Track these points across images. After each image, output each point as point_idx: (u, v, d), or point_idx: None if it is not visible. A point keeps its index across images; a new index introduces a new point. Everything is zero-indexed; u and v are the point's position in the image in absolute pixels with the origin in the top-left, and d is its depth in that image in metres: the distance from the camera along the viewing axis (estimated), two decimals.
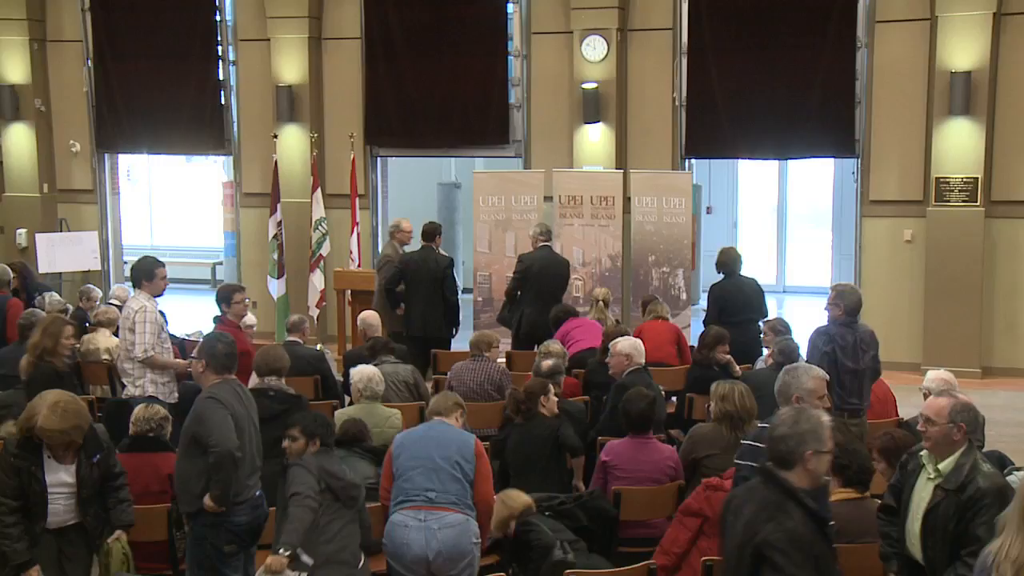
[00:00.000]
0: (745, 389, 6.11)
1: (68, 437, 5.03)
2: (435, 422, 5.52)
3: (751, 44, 12.02)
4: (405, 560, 5.15)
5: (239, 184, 14.03)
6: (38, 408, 5.01)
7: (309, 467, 5.07)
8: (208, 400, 5.27)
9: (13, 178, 14.14)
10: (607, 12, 12.15)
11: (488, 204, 12.13)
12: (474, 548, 5.24)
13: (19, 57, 13.91)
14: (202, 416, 5.22)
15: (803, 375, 4.99)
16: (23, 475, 5.01)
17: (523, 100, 12.89)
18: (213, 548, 5.25)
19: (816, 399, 4.88)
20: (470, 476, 5.26)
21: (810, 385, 4.91)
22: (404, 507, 5.19)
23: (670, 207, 11.69)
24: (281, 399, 6.03)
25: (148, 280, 7.35)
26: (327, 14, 13.27)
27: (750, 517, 3.87)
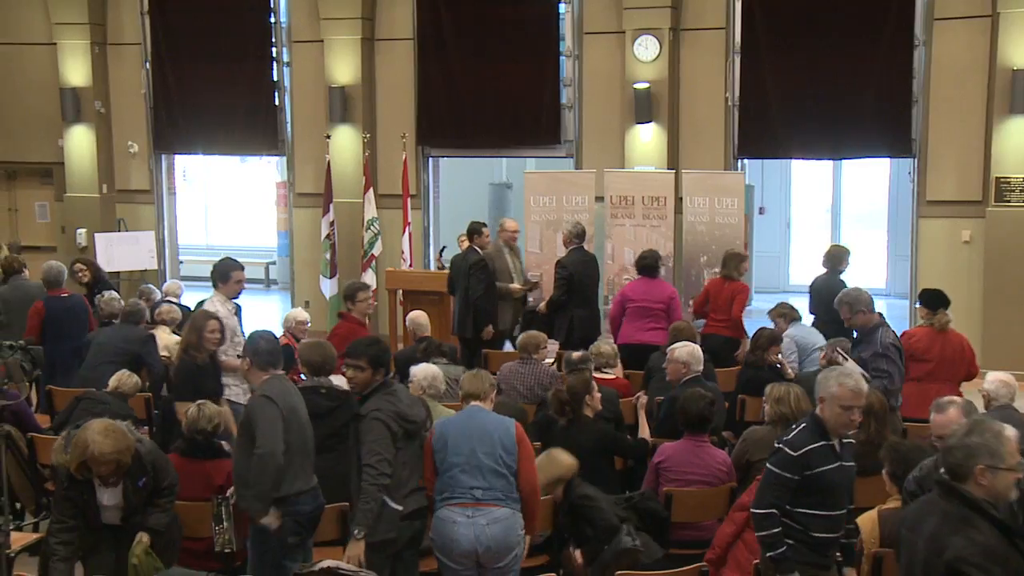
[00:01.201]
0: (801, 391, 6.07)
1: (119, 457, 5.14)
2: (473, 409, 5.47)
3: (805, 43, 11.90)
4: (453, 555, 5.21)
5: (292, 184, 14.17)
6: (89, 438, 5.11)
7: (388, 421, 5.13)
8: (260, 399, 5.32)
9: (74, 179, 14.41)
10: (660, 12, 12.10)
11: (539, 204, 12.14)
12: (520, 540, 5.30)
13: (81, 60, 14.16)
14: (253, 415, 5.27)
15: (833, 379, 4.73)
16: (77, 503, 5.24)
17: (575, 100, 12.87)
18: (278, 540, 5.29)
19: (838, 407, 4.65)
20: (513, 467, 5.27)
21: (833, 390, 4.67)
22: (450, 503, 5.22)
23: (722, 207, 11.61)
24: (332, 396, 6.05)
25: (223, 282, 7.46)
26: (380, 15, 13.36)
27: (933, 531, 3.69)
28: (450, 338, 9.90)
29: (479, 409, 5.47)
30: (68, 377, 8.36)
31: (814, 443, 4.66)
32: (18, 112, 14.66)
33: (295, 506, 5.33)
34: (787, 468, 4.66)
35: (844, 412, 4.65)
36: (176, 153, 14.93)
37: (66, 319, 8.95)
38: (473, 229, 10.15)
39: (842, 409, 4.64)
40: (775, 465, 4.71)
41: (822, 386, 4.72)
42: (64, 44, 14.17)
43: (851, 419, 4.69)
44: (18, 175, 15.24)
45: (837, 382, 4.67)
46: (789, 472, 4.66)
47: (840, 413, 4.64)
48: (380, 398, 5.23)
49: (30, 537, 6.04)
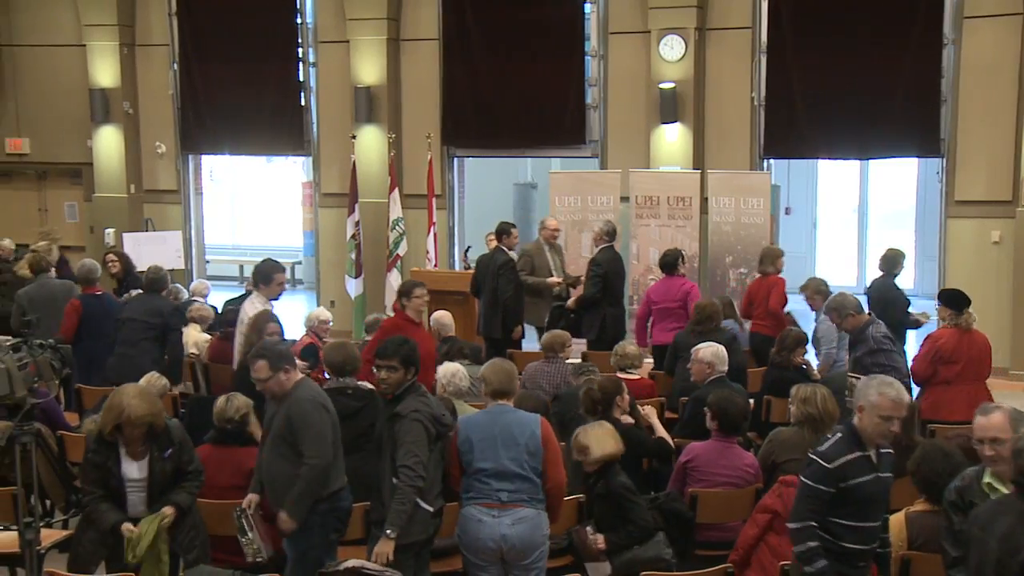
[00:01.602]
0: (827, 392, 6.05)
1: (153, 420, 5.20)
2: (498, 409, 5.43)
3: (832, 42, 11.83)
4: (479, 553, 5.26)
5: (318, 184, 14.23)
6: (124, 401, 5.18)
7: (427, 423, 5.15)
8: (312, 404, 5.28)
9: (102, 179, 14.53)
10: (686, 11, 12.07)
11: (564, 204, 12.14)
12: (545, 539, 5.33)
13: (109, 61, 14.28)
14: (304, 421, 5.22)
15: (873, 388, 4.55)
16: (101, 470, 5.24)
17: (600, 100, 12.86)
18: (322, 538, 5.30)
19: (878, 417, 4.47)
20: (539, 469, 5.29)
21: (873, 399, 4.48)
22: (477, 503, 5.26)
23: (748, 208, 11.57)
24: (359, 396, 6.08)
25: (265, 284, 7.52)
26: (405, 16, 13.40)
27: (1007, 531, 3.69)
28: (475, 338, 9.93)
29: (505, 409, 5.44)
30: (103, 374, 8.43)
31: (850, 454, 4.50)
32: (48, 113, 14.80)
33: (338, 502, 5.36)
34: (822, 481, 4.51)
35: (883, 422, 4.48)
36: (203, 153, 15.03)
37: (101, 317, 9.03)
38: (502, 229, 10.16)
39: (881, 419, 4.48)
40: (809, 478, 4.56)
41: (861, 395, 4.55)
42: (93, 45, 14.29)
43: (890, 429, 4.53)
44: (48, 175, 15.40)
45: (877, 391, 4.50)
46: (824, 484, 4.50)
47: (879, 423, 4.48)
48: (415, 399, 5.23)
49: (60, 534, 6.09)
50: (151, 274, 8.83)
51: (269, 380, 5.28)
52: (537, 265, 10.22)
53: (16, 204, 15.45)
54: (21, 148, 15.06)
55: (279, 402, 5.33)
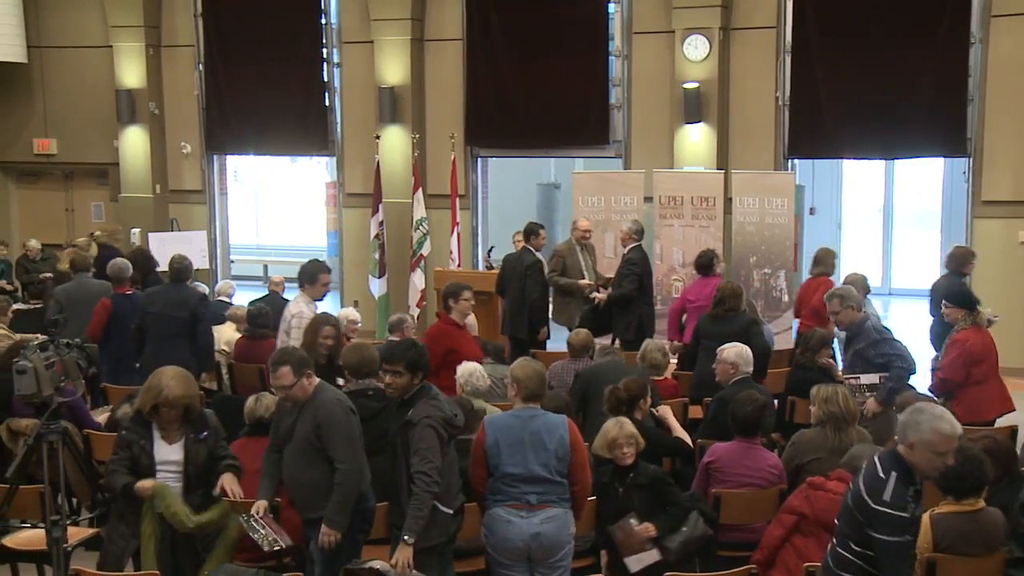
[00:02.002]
0: (848, 391, 6.04)
1: (189, 402, 5.26)
2: (526, 413, 5.41)
3: (858, 41, 11.77)
4: (507, 553, 5.31)
5: (342, 184, 14.28)
6: (162, 382, 5.23)
7: (439, 428, 5.14)
8: (340, 408, 5.27)
9: (128, 179, 14.64)
10: (710, 11, 12.03)
11: (588, 204, 12.12)
12: (571, 539, 5.37)
13: (136, 62, 14.38)
14: (333, 426, 5.21)
15: (925, 423, 4.17)
16: (134, 448, 5.24)
17: (624, 100, 12.84)
18: (350, 539, 5.31)
19: (932, 453, 4.14)
20: (565, 471, 5.32)
21: (927, 436, 4.13)
22: (505, 504, 5.28)
23: (772, 208, 11.52)
24: (380, 397, 6.06)
25: (310, 284, 7.57)
26: (429, 16, 13.43)
27: None
28: (498, 337, 9.94)
29: (535, 413, 5.42)
30: (132, 374, 8.49)
31: (908, 493, 4.17)
32: (75, 114, 14.93)
33: (365, 503, 5.38)
34: (904, 531, 4.14)
35: (937, 458, 4.17)
36: (228, 153, 15.12)
37: (131, 317, 9.08)
38: (530, 230, 10.16)
39: (936, 455, 4.16)
40: (891, 535, 4.10)
41: (911, 429, 4.18)
42: (120, 47, 14.40)
43: (945, 463, 4.23)
44: (75, 176, 15.53)
45: (930, 426, 4.14)
46: (909, 535, 4.17)
47: (933, 459, 4.16)
48: (427, 404, 5.21)
49: (87, 532, 6.14)
50: (175, 264, 8.85)
51: (293, 387, 5.22)
52: (569, 266, 10.20)
53: (43, 204, 15.60)
54: (49, 149, 15.19)
55: (301, 408, 5.28)
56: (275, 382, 5.26)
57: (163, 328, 8.44)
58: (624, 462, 5.67)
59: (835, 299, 7.42)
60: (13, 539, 6.01)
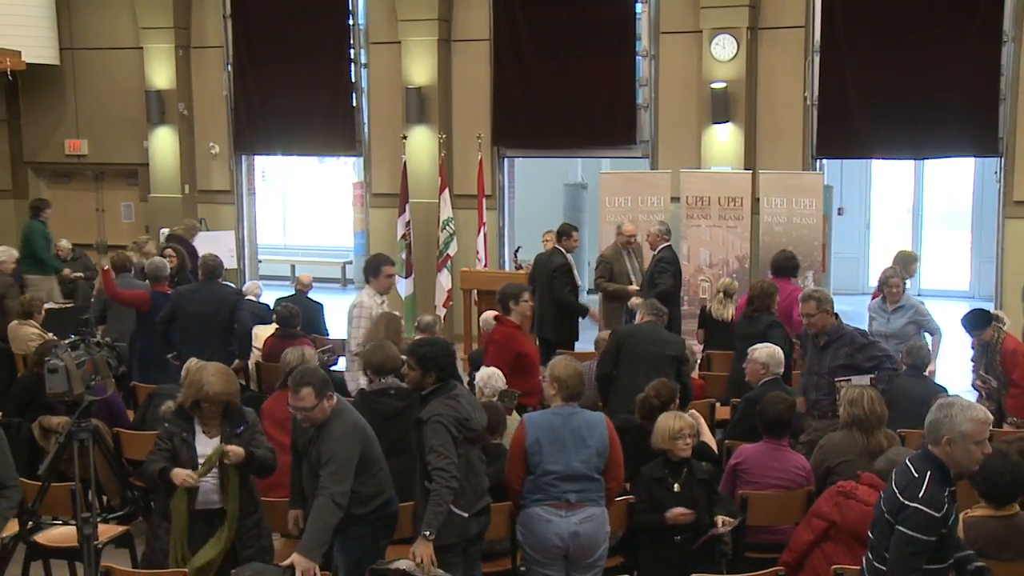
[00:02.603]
0: (875, 394, 5.98)
1: (229, 398, 5.27)
2: (566, 411, 5.46)
3: (887, 40, 11.67)
4: (545, 551, 5.37)
5: (369, 184, 14.33)
6: (204, 378, 5.26)
7: (449, 426, 5.14)
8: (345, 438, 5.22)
9: (158, 179, 14.75)
10: (738, 10, 11.98)
11: (614, 205, 12.10)
12: (607, 538, 5.43)
13: (165, 63, 14.49)
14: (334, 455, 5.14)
15: (957, 415, 4.13)
16: (175, 440, 5.27)
17: (651, 100, 12.81)
18: (373, 544, 5.33)
19: (972, 444, 4.11)
20: (602, 468, 5.41)
21: (965, 428, 4.10)
22: (544, 503, 5.34)
23: (800, 208, 11.47)
24: (401, 396, 6.07)
25: (374, 277, 7.62)
26: (456, 16, 13.45)
27: None
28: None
29: (574, 411, 5.47)
30: (162, 371, 8.56)
31: (944, 494, 4.11)
32: (106, 115, 15.06)
33: (388, 508, 5.39)
34: (931, 531, 4.07)
35: (977, 448, 4.13)
36: (256, 154, 15.20)
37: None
38: (563, 231, 10.16)
39: (976, 446, 4.12)
40: (915, 530, 4.06)
41: (945, 427, 4.11)
42: (150, 48, 14.51)
43: (984, 452, 4.19)
44: (105, 176, 15.66)
45: (965, 417, 4.10)
46: (933, 535, 4.08)
47: (973, 450, 4.12)
48: (441, 402, 5.22)
49: (117, 529, 6.21)
50: (209, 261, 8.94)
51: (314, 409, 5.16)
52: (616, 271, 10.18)
53: (74, 204, 15.74)
54: (80, 149, 15.34)
55: (318, 429, 5.24)
56: (295, 403, 5.17)
57: (203, 327, 8.50)
58: (683, 454, 5.70)
59: (811, 301, 7.04)
60: (45, 536, 6.09)
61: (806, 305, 7.04)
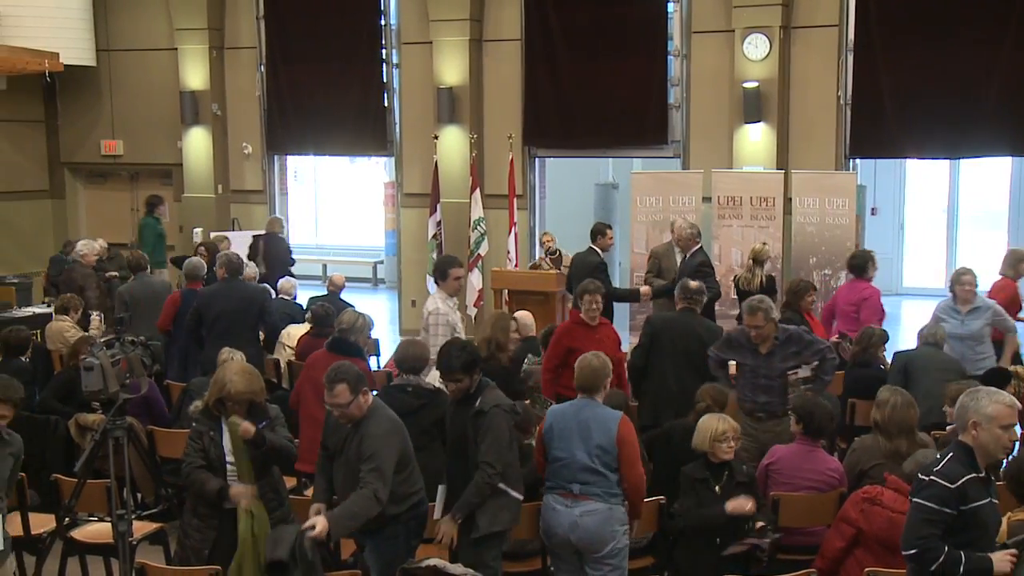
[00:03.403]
0: (903, 399, 5.89)
1: (253, 397, 5.32)
2: (582, 402, 5.54)
3: (922, 39, 11.56)
4: (552, 540, 5.51)
5: (400, 184, 14.38)
6: (226, 378, 5.32)
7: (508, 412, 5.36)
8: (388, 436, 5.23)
9: (192, 179, 14.88)
10: (770, 9, 11.91)
11: (645, 205, 12.08)
12: (618, 534, 5.40)
13: (199, 64, 14.61)
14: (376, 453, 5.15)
15: (984, 400, 4.24)
16: (204, 439, 5.33)
17: (682, 100, 12.76)
18: (406, 544, 5.36)
19: (997, 428, 4.20)
20: (613, 465, 5.39)
21: (989, 411, 4.19)
22: (554, 491, 5.47)
23: (833, 208, 11.39)
24: (418, 394, 6.07)
25: (442, 280, 7.63)
26: (488, 16, 13.46)
27: None
28: None
29: (588, 404, 5.53)
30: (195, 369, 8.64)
31: (967, 475, 4.19)
32: (141, 116, 15.21)
33: (419, 508, 5.41)
34: (945, 502, 4.15)
35: (1004, 433, 4.21)
36: (288, 154, 15.29)
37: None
38: (597, 230, 10.16)
39: (1003, 430, 4.20)
40: (927, 499, 4.18)
41: (971, 411, 4.24)
42: (184, 49, 14.64)
43: (1011, 440, 4.25)
44: (140, 176, 15.82)
45: (991, 400, 4.22)
46: (948, 507, 4.15)
47: (1001, 434, 4.20)
48: (491, 393, 5.40)
49: (151, 526, 6.27)
50: (233, 260, 9.01)
51: (350, 405, 5.13)
52: (664, 268, 10.16)
53: (110, 204, 15.92)
54: (116, 150, 15.50)
55: (355, 426, 5.23)
56: (331, 400, 5.14)
57: (229, 325, 8.53)
58: (725, 457, 5.72)
59: (759, 314, 6.80)
60: (81, 532, 6.17)
61: (754, 318, 6.78)
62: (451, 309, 7.56)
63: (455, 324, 7.48)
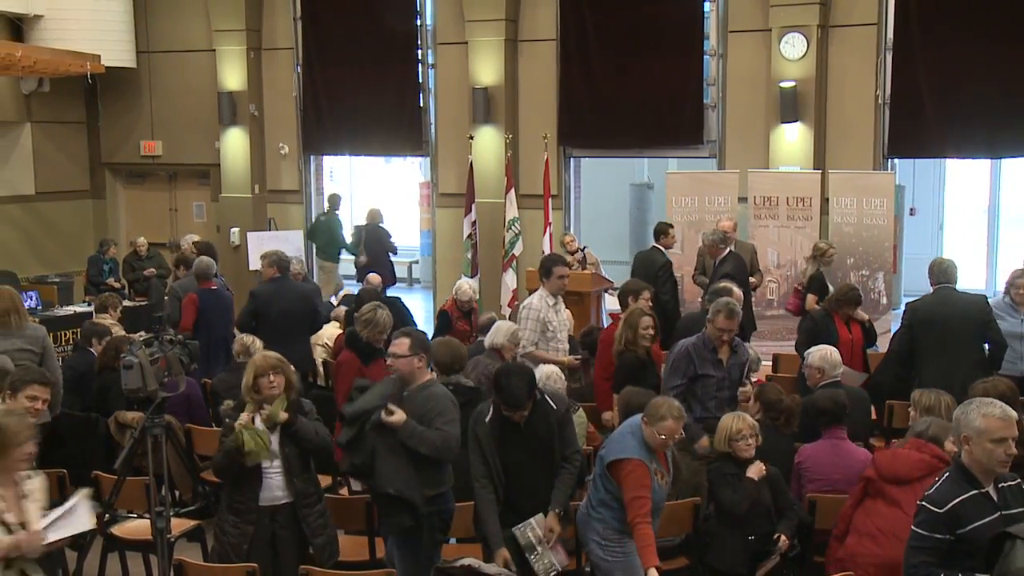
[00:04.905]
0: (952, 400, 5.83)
1: (283, 369, 5.39)
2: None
3: (963, 36, 11.41)
4: None
5: (435, 184, 14.41)
6: (257, 356, 5.55)
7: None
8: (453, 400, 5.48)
9: (229, 179, 15.00)
10: (808, 8, 11.83)
11: (681, 205, 12.03)
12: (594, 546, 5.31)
13: (237, 65, 14.72)
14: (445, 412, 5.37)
15: (972, 413, 4.07)
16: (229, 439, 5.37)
17: (718, 100, 12.70)
18: (430, 538, 5.39)
19: (988, 442, 4.01)
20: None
21: (977, 424, 4.03)
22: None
23: (871, 208, 11.29)
24: (461, 392, 6.10)
25: (547, 278, 7.72)
26: (523, 16, 13.47)
27: None
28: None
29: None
30: (218, 368, 8.71)
31: (964, 494, 4.03)
32: (180, 116, 15.35)
33: (444, 504, 5.44)
34: (934, 528, 4.04)
35: (997, 447, 4.01)
36: (324, 154, 15.37)
37: (216, 311, 9.35)
38: (660, 230, 10.38)
39: (994, 444, 4.00)
40: (920, 526, 4.09)
41: (962, 424, 4.09)
42: (222, 51, 14.76)
43: (1008, 454, 4.03)
44: (178, 176, 15.97)
45: (979, 413, 4.04)
46: (938, 533, 4.03)
47: (992, 449, 4.01)
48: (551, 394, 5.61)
49: (189, 523, 6.34)
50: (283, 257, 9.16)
51: (405, 358, 5.40)
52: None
53: (149, 204, 16.09)
54: (155, 150, 15.66)
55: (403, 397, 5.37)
56: (392, 348, 5.52)
57: (290, 325, 8.74)
58: (744, 455, 5.72)
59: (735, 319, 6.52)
60: (121, 528, 6.24)
61: (732, 322, 6.45)
62: (548, 307, 7.59)
63: (549, 322, 7.51)
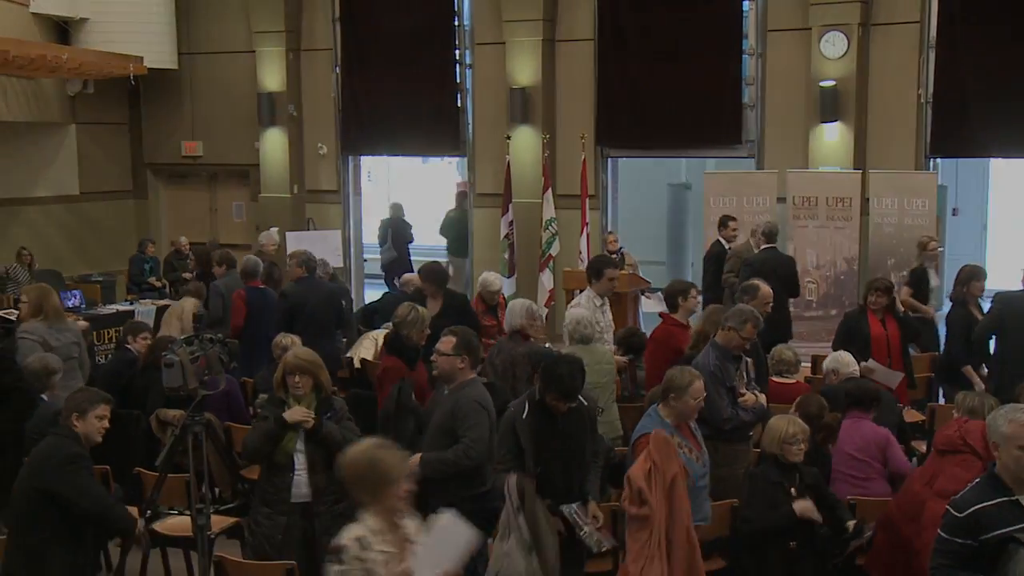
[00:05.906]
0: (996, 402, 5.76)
1: (313, 368, 5.48)
2: None
3: (1009, 35, 11.26)
4: None
5: (473, 184, 14.43)
6: (288, 354, 5.65)
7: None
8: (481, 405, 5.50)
9: (268, 180, 15.11)
10: (849, 7, 11.72)
11: (719, 205, 11.97)
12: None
13: (277, 66, 14.83)
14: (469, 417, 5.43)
15: (1001, 419, 4.05)
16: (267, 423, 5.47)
17: (757, 99, 12.62)
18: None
19: (1015, 449, 3.95)
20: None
21: (1005, 430, 3.99)
22: None
23: (912, 208, 11.18)
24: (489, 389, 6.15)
25: (597, 279, 7.75)
26: (561, 16, 13.45)
27: None
28: None
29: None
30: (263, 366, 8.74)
31: (988, 500, 3.95)
32: (220, 117, 15.48)
33: (487, 503, 5.46)
34: (953, 532, 4.00)
35: (1019, 452, 3.95)
36: (362, 154, 15.43)
37: (262, 310, 9.41)
38: (720, 222, 10.64)
39: (1021, 451, 3.95)
40: (942, 529, 4.06)
41: (992, 431, 4.08)
42: (262, 52, 14.87)
43: None
44: (218, 176, 16.11)
45: (1007, 419, 4.01)
46: (959, 537, 3.98)
47: (1019, 456, 3.95)
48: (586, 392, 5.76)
49: (228, 521, 6.39)
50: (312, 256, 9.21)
51: (447, 356, 5.53)
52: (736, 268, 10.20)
53: (190, 204, 16.24)
54: (195, 151, 15.81)
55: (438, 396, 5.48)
56: (438, 345, 5.66)
57: (322, 323, 8.83)
58: (794, 459, 5.66)
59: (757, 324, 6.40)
60: (162, 525, 6.31)
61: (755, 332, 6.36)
62: (596, 308, 7.60)
63: (596, 322, 7.47)
